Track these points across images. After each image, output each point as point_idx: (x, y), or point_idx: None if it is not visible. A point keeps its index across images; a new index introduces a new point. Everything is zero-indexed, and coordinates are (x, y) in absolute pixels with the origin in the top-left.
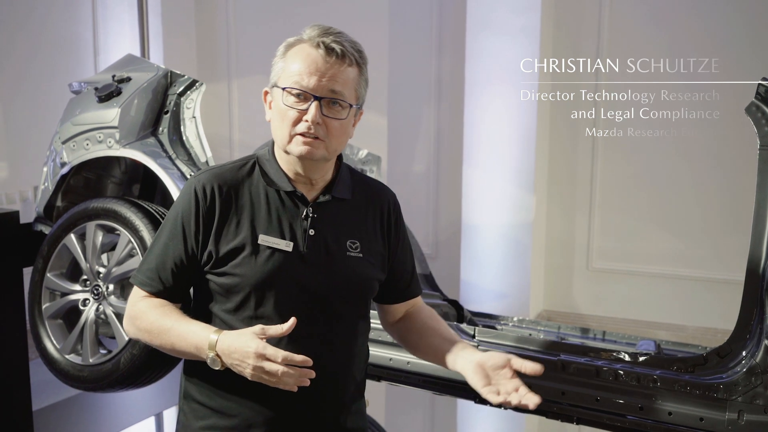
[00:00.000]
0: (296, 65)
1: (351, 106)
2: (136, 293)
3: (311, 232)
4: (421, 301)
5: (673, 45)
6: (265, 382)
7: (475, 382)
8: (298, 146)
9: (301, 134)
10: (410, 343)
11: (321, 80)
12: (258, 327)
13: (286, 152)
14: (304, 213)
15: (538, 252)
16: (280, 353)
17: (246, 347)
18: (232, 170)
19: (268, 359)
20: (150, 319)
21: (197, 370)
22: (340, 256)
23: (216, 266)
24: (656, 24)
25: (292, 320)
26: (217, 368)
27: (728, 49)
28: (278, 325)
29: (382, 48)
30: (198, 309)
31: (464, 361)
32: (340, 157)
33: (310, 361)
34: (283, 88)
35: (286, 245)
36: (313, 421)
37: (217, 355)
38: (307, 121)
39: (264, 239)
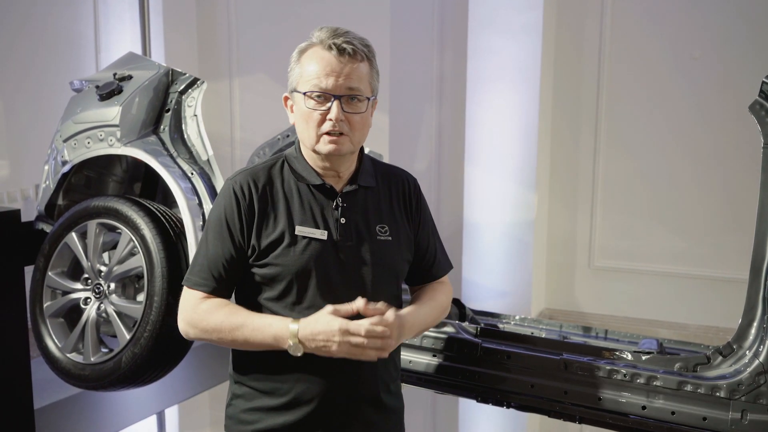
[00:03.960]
0: (312, 69)
1: (368, 99)
2: (191, 297)
3: (342, 220)
4: (443, 281)
5: (676, 43)
6: (350, 356)
7: None
8: (325, 144)
9: (327, 133)
10: None
11: (338, 80)
12: (330, 307)
13: (315, 151)
14: (335, 203)
15: (539, 250)
16: (362, 327)
17: (330, 327)
18: (264, 169)
19: (352, 333)
20: (218, 318)
21: (246, 358)
22: (371, 240)
23: (259, 258)
24: (658, 22)
25: (360, 299)
26: (299, 354)
27: (731, 47)
28: (348, 304)
29: (384, 46)
30: (243, 300)
31: None
32: (361, 149)
33: (388, 331)
34: (304, 93)
35: (321, 234)
36: (355, 399)
37: (300, 341)
38: (331, 119)
39: (301, 230)
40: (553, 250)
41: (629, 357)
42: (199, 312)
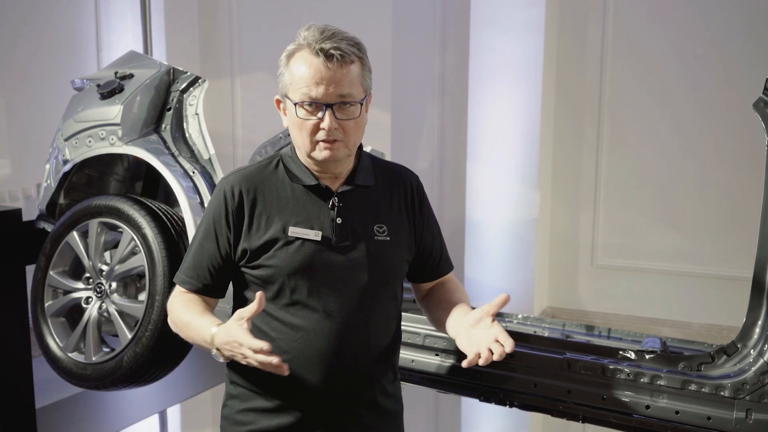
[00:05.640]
0: (301, 76)
1: (360, 103)
2: (176, 292)
3: (338, 220)
4: (451, 276)
5: (678, 41)
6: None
7: (461, 345)
8: (321, 152)
9: (322, 140)
10: (434, 319)
11: (328, 88)
12: (237, 313)
13: (311, 158)
14: (330, 203)
15: (542, 248)
16: (254, 344)
17: (231, 337)
18: (259, 169)
19: (240, 344)
20: (178, 313)
21: None
22: (368, 241)
23: (251, 260)
24: (661, 19)
25: (260, 294)
26: (220, 360)
27: (734, 45)
28: (250, 305)
29: (386, 44)
30: (239, 300)
31: (455, 326)
32: (360, 147)
33: (276, 360)
34: (295, 103)
35: (315, 235)
36: (350, 402)
37: (218, 349)
38: (324, 129)
39: (294, 231)
40: (556, 249)
41: (633, 356)
42: (170, 305)
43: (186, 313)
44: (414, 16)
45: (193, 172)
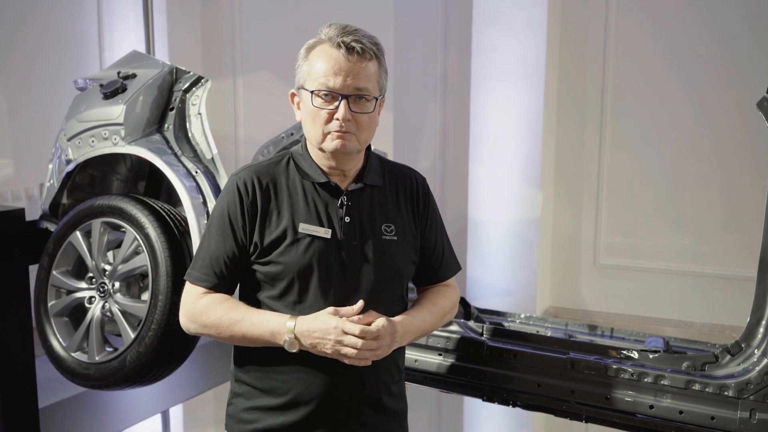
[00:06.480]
0: (320, 67)
1: (375, 98)
2: (192, 291)
3: (347, 219)
4: (450, 282)
5: (680, 41)
6: (343, 359)
7: None
8: (332, 142)
9: (334, 131)
10: None
11: (346, 79)
12: (331, 309)
13: (321, 149)
14: (339, 201)
15: (544, 248)
16: (357, 327)
17: (326, 324)
18: (269, 166)
19: (347, 332)
20: (217, 313)
21: (247, 356)
22: (375, 240)
23: (261, 256)
24: (662, 19)
25: (361, 302)
26: (293, 351)
27: (735, 45)
28: (349, 307)
29: (388, 44)
30: (245, 298)
31: None
32: (368, 147)
33: (383, 332)
34: (311, 91)
35: (325, 232)
36: (355, 401)
37: (296, 337)
38: (338, 119)
39: (304, 228)
40: (558, 248)
41: (636, 356)
42: (199, 307)
43: (232, 312)
44: (416, 16)
45: (196, 172)
